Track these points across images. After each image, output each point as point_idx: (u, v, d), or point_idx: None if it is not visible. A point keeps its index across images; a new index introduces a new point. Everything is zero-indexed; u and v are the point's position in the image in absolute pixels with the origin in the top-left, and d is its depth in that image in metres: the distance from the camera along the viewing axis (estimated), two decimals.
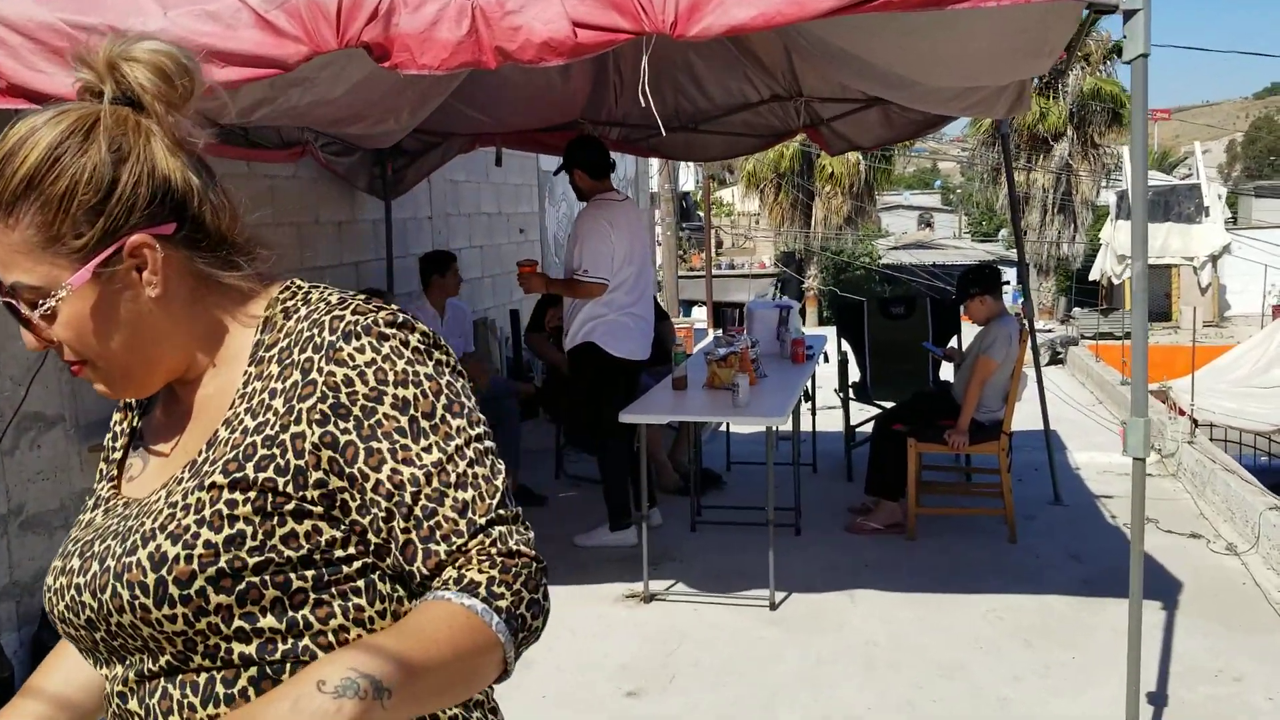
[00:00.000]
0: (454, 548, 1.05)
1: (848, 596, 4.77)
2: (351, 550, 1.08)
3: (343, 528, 1.07)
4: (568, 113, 6.14)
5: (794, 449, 5.76)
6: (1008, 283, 5.65)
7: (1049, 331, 13.33)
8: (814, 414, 6.89)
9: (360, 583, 1.08)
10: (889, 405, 6.61)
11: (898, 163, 38.71)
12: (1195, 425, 7.82)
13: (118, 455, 1.24)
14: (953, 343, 6.78)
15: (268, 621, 1.04)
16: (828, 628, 4.43)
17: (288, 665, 1.05)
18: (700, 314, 25.30)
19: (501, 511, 1.08)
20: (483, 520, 1.06)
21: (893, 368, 6.83)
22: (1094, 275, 13.59)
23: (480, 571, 1.04)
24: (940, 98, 4.75)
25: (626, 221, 5.30)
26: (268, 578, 1.04)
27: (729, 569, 5.12)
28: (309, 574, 1.06)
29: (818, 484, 6.59)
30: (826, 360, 6.56)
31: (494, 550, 1.06)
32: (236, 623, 1.04)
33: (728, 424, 6.83)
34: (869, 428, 6.56)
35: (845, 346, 7.00)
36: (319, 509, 1.06)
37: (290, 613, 1.05)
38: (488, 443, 1.12)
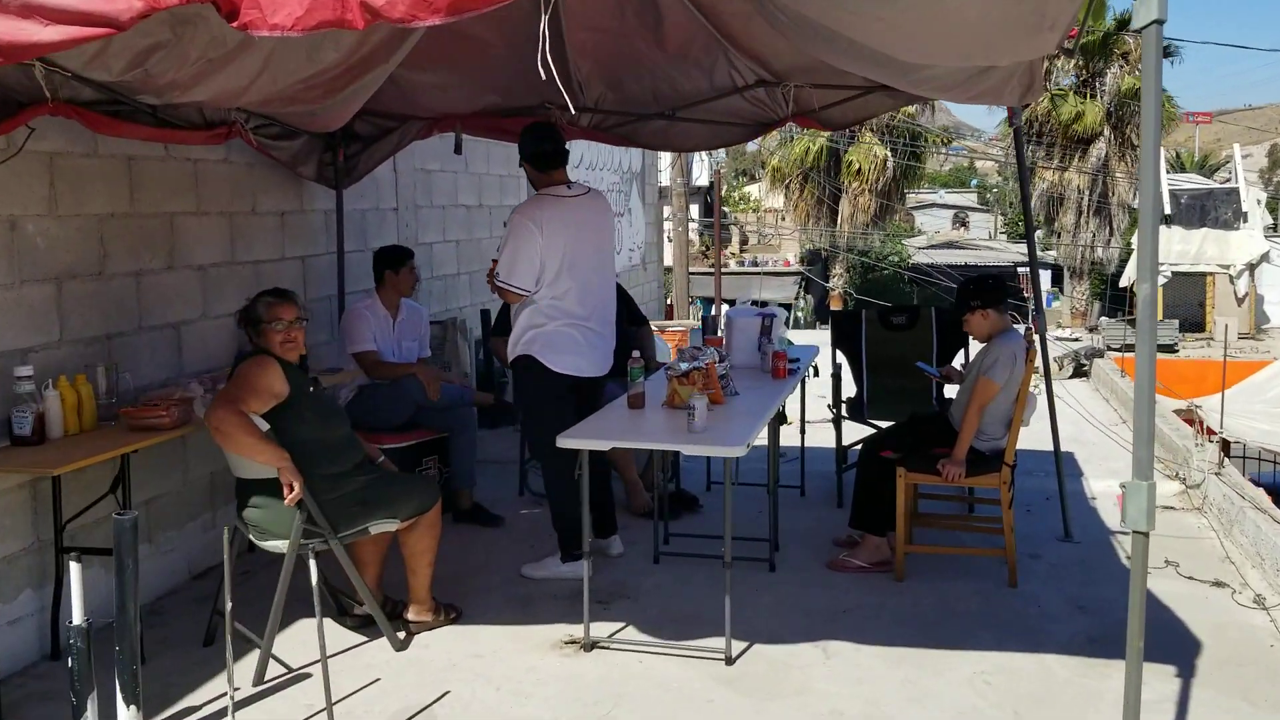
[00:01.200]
0: None
1: (819, 650, 4.18)
2: None
3: None
4: (531, 95, 5.57)
5: (770, 473, 5.17)
6: (1018, 289, 5.01)
7: (1075, 340, 12.62)
8: (803, 432, 6.30)
9: None
10: (885, 425, 6.01)
11: (932, 160, 37.86)
12: (1227, 449, 7.16)
13: None
14: (959, 358, 6.15)
15: None
16: (788, 691, 3.85)
17: None
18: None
19: None
20: None
21: (891, 384, 6.21)
22: (1124, 281, 12.85)
23: None
24: (943, 83, 4.13)
25: (572, 222, 4.72)
26: None
27: (689, 611, 4.55)
28: None
29: (805, 511, 5.99)
30: (816, 374, 5.96)
31: None
32: None
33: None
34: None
35: (841, 358, 6.40)
36: None
37: None
38: None
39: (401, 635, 4.29)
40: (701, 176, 26.05)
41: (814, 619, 4.47)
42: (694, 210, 27.13)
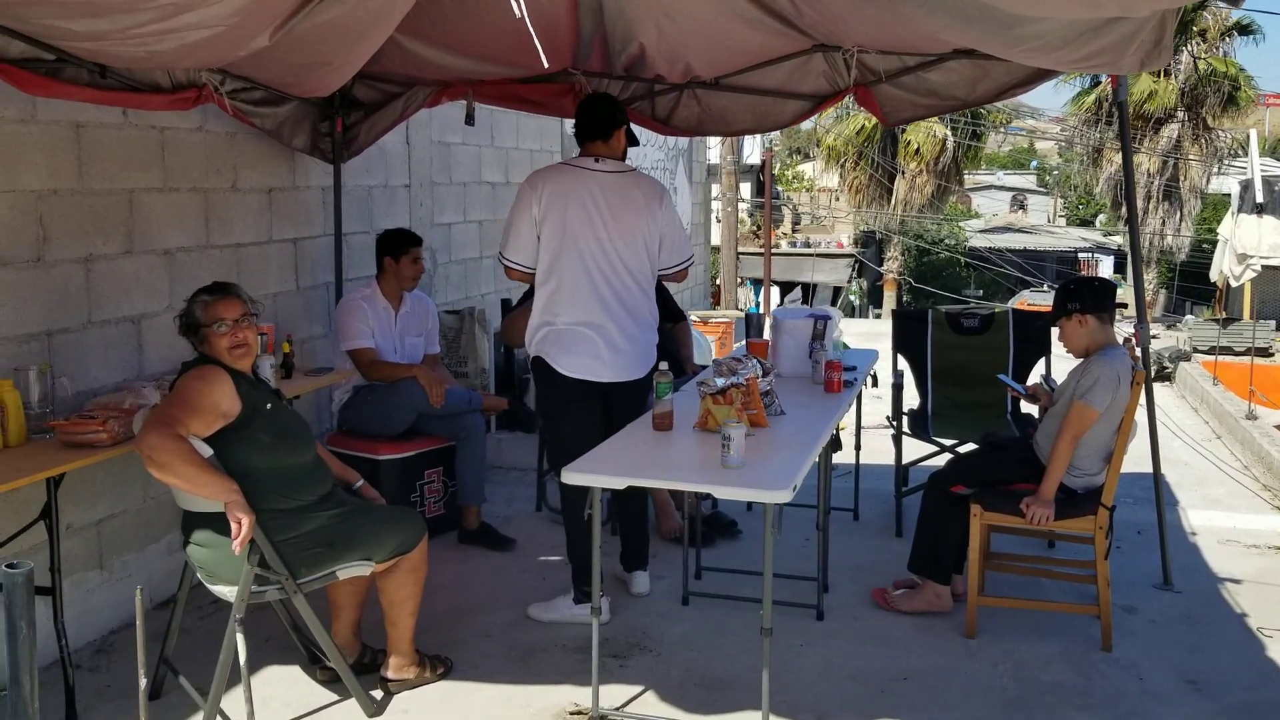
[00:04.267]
0: None
1: None
2: None
3: None
4: (554, 60, 4.84)
5: (820, 503, 4.42)
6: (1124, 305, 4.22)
7: (1153, 338, 11.68)
8: (858, 449, 5.54)
9: None
10: (950, 443, 5.25)
11: (990, 140, 36.54)
12: None
13: None
14: (1037, 370, 5.36)
15: None
16: None
17: None
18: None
19: None
20: None
21: (959, 396, 5.44)
22: (1213, 275, 11.86)
23: None
24: (1048, 43, 3.30)
25: (584, 196, 4.06)
26: None
27: (720, 671, 3.84)
28: None
29: (858, 539, 5.25)
30: (875, 384, 5.21)
31: None
32: None
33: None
34: (932, 462, 5.22)
35: (903, 365, 5.63)
36: None
37: None
38: None
39: (378, 695, 3.63)
40: (753, 154, 25.10)
41: (868, 687, 3.74)
42: (745, 189, 26.27)
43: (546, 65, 4.38)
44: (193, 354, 3.44)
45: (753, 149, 24.57)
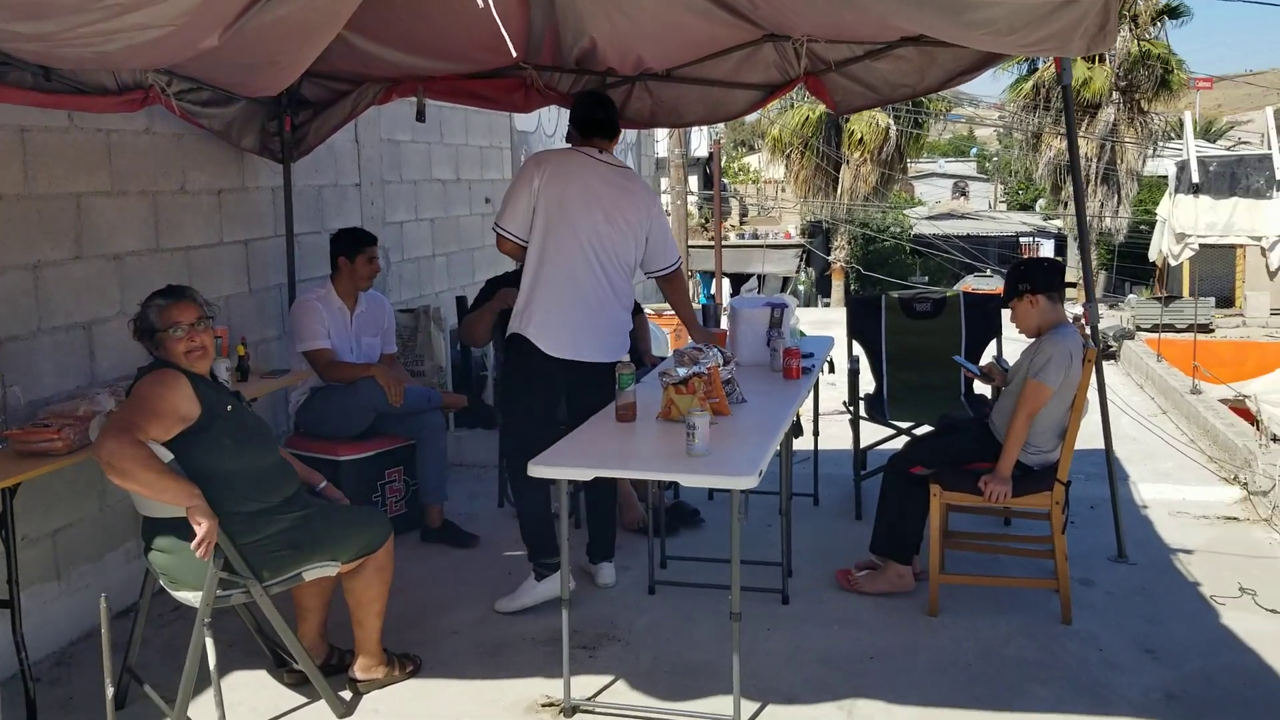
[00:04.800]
0: None
1: (843, 712, 3.50)
2: None
3: None
4: (504, 54, 4.83)
5: (782, 488, 4.46)
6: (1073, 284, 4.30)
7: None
8: (816, 434, 5.59)
9: None
10: (907, 426, 5.33)
11: (932, 128, 37.01)
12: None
13: None
14: (989, 351, 5.44)
15: None
16: None
17: None
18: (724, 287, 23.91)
19: None
20: None
21: (914, 379, 5.51)
22: (1152, 255, 12.09)
23: None
24: (999, 29, 3.35)
25: (581, 180, 4.14)
26: None
27: (689, 658, 3.87)
28: None
29: (819, 523, 5.30)
30: (831, 369, 5.26)
31: None
32: None
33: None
34: (889, 445, 5.29)
35: (858, 350, 5.69)
36: None
37: None
38: None
39: (347, 696, 3.61)
40: (700, 147, 25.18)
41: (836, 669, 3.78)
42: (693, 182, 26.34)
43: (515, 54, 4.43)
44: (148, 358, 3.40)
45: (700, 141, 24.64)
